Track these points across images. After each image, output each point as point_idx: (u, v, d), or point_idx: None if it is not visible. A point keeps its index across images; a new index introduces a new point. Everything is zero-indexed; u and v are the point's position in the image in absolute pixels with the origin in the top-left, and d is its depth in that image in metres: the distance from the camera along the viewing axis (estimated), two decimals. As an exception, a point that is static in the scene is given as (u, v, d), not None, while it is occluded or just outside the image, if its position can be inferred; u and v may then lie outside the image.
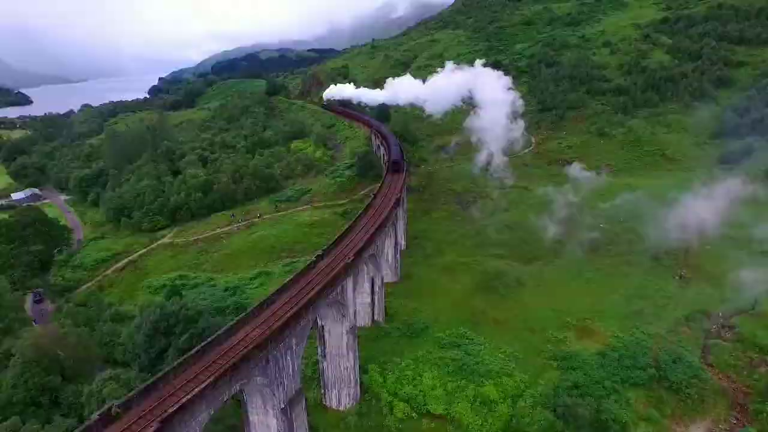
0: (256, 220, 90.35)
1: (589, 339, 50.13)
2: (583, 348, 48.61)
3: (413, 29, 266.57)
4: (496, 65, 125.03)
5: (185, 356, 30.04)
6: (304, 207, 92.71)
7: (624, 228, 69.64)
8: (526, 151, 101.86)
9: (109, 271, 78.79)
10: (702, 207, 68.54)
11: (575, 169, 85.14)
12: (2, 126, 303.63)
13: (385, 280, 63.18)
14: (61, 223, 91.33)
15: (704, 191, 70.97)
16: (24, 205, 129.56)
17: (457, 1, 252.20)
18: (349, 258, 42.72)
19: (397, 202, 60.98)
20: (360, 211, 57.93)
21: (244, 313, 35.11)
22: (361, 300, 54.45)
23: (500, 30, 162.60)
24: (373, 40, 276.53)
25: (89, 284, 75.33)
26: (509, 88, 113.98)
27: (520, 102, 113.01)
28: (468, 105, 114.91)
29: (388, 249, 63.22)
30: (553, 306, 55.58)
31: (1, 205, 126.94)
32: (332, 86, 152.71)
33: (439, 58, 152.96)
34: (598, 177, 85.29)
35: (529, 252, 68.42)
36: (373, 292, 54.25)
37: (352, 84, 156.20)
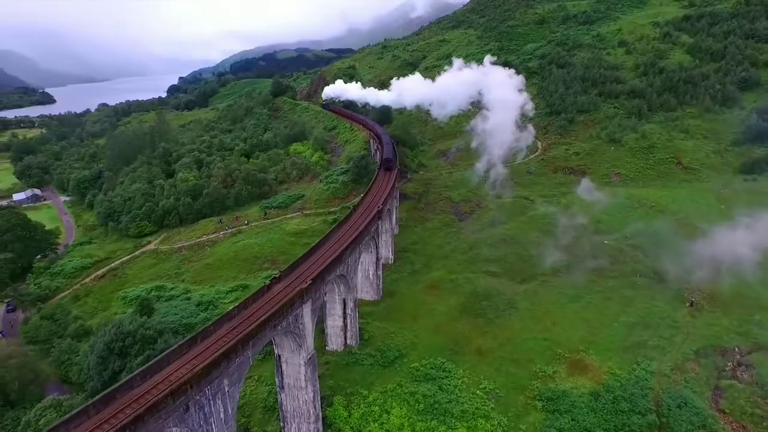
0: (244, 227, 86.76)
1: (581, 375, 44.61)
2: (574, 386, 43.13)
3: (426, 29, 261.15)
4: (505, 66, 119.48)
5: (86, 404, 26.08)
6: (295, 214, 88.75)
7: (630, 245, 63.56)
8: (531, 157, 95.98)
9: (88, 280, 76.07)
10: (718, 224, 62.46)
11: (582, 181, 79.28)
12: (22, 125, 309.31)
13: (365, 298, 59.06)
14: (46, 228, 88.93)
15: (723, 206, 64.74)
16: (22, 206, 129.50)
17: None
18: (305, 282, 38.27)
19: (378, 215, 56.31)
20: (333, 226, 53.25)
21: (169, 349, 31.03)
22: (332, 323, 50.32)
23: (511, 29, 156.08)
24: (385, 40, 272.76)
25: (65, 293, 72.65)
26: (520, 90, 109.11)
27: (531, 105, 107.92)
28: (475, 108, 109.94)
29: (368, 265, 58.74)
30: (545, 334, 50.16)
31: (1, 205, 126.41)
32: (331, 85, 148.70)
33: (447, 59, 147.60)
34: (605, 187, 79.25)
35: (525, 270, 62.91)
36: (345, 315, 49.73)
37: (358, 83, 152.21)
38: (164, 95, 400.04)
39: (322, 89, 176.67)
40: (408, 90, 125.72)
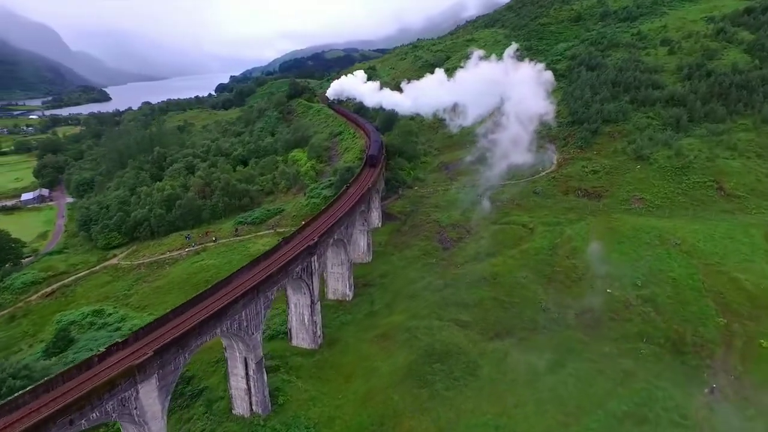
0: (210, 244, 79.37)
1: (534, 491, 32.81)
2: None
3: (461, 28, 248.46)
4: (532, 60, 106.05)
5: None
6: (267, 231, 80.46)
7: (640, 297, 50.01)
8: (543, 174, 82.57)
9: (34, 297, 71.00)
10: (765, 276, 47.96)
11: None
12: (69, 122, 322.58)
13: (301, 345, 49.51)
14: (12, 235, 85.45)
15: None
16: (27, 206, 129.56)
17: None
18: (142, 357, 28.99)
19: (309, 250, 46.32)
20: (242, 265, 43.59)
21: None
22: (235, 383, 41.00)
23: (542, 27, 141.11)
24: (418, 40, 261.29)
25: (5, 312, 67.68)
26: (548, 91, 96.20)
27: (551, 113, 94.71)
28: (491, 114, 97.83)
29: (302, 308, 48.94)
30: (501, 420, 38.38)
31: (5, 205, 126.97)
32: (336, 81, 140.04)
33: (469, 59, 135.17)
34: (622, 215, 65.19)
35: (502, 321, 50.87)
36: (247, 376, 40.21)
37: (367, 81, 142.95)
38: (213, 93, 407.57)
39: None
40: (418, 94, 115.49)
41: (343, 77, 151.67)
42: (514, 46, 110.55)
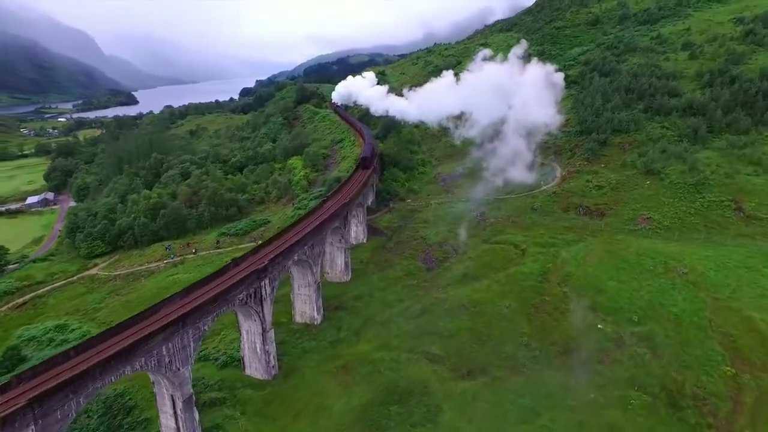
0: (190, 256, 76.27)
1: None
2: None
3: (480, 32, 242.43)
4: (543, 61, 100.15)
5: None
6: (249, 244, 76.69)
7: (636, 335, 43.80)
8: (544, 187, 76.43)
9: (5, 308, 69.01)
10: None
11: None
12: (92, 125, 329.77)
13: (254, 375, 45.31)
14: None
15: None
16: (31, 209, 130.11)
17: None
18: (17, 404, 25.07)
19: (258, 274, 42.04)
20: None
21: None
22: (165, 421, 36.89)
23: (557, 31, 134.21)
24: (435, 44, 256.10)
25: (-29, 324, 65.86)
26: (557, 96, 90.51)
27: (558, 122, 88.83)
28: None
29: (254, 336, 44.69)
30: (456, 481, 33.17)
31: (9, 209, 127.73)
32: (342, 83, 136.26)
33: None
34: (626, 237, 58.78)
35: (477, 357, 45.45)
36: (176, 415, 36.09)
37: (381, 87, 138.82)
38: (234, 98, 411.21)
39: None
40: (422, 100, 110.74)
41: (349, 78, 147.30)
42: (522, 44, 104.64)
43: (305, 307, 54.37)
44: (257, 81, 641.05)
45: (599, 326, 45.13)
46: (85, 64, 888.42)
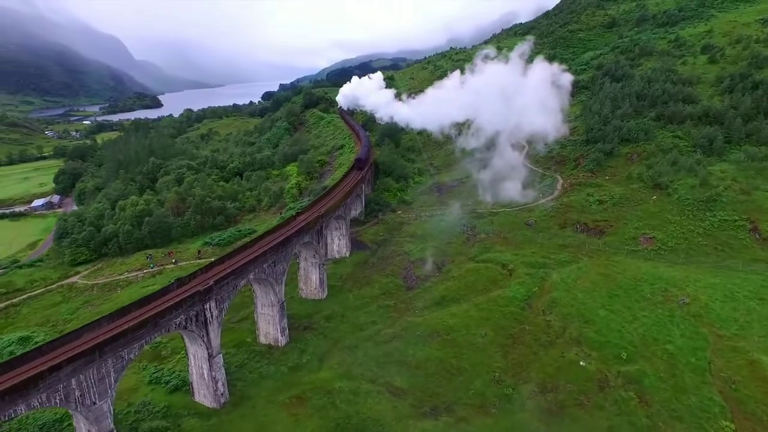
0: (170, 266, 73.76)
1: None
2: None
3: (496, 36, 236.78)
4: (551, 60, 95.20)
5: None
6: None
7: (623, 376, 38.53)
8: (543, 201, 71.15)
9: (-22, 316, 67.66)
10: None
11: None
12: (112, 127, 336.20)
13: (203, 403, 41.98)
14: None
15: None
16: (35, 212, 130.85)
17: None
18: None
19: (206, 293, 38.62)
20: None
21: None
22: (85, 460, 33.46)
23: (570, 34, 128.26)
24: (451, 48, 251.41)
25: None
26: (559, 106, 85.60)
27: (562, 129, 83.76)
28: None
29: (200, 361, 41.24)
30: None
31: (13, 211, 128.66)
32: (348, 85, 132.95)
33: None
34: (625, 258, 53.29)
35: (443, 392, 40.94)
36: (92, 454, 32.80)
37: (388, 91, 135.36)
38: (254, 101, 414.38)
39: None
40: (422, 107, 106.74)
41: (354, 80, 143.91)
42: (526, 43, 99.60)
43: (269, 327, 50.73)
44: (281, 85, 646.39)
45: (582, 363, 40.04)
46: (115, 69, 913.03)
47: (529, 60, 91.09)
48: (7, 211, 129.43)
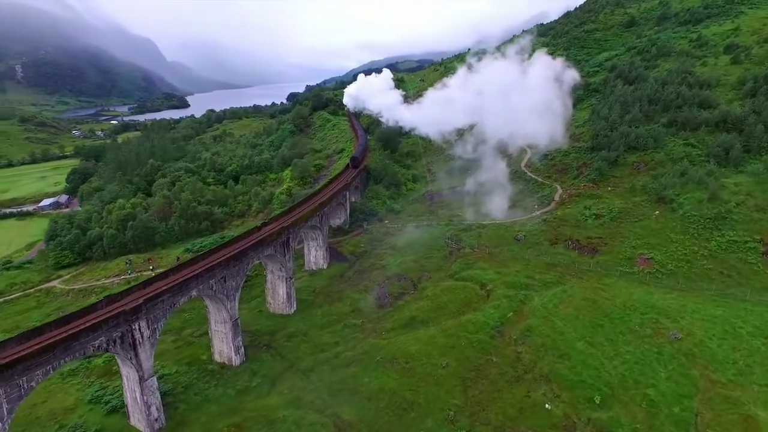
0: (147, 272, 71.69)
1: None
2: None
3: (515, 37, 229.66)
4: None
5: None
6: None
7: (592, 423, 33.43)
8: (537, 213, 65.82)
9: (-48, 320, 67.02)
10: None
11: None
12: (135, 128, 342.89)
13: (138, 427, 39.12)
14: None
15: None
16: (42, 212, 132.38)
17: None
18: None
19: (134, 313, 35.58)
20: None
21: None
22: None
23: (586, 34, 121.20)
24: (468, 50, 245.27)
25: None
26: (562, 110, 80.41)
27: (564, 134, 78.52)
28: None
29: (133, 384, 38.27)
30: None
31: (21, 210, 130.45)
32: (353, 85, 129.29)
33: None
34: (618, 281, 47.77)
35: (393, 429, 36.65)
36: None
37: (395, 92, 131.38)
38: (277, 102, 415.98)
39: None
40: (422, 111, 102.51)
41: (361, 78, 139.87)
42: (526, 38, 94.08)
43: (222, 345, 47.53)
44: (307, 86, 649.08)
45: (547, 406, 35.10)
46: (147, 69, 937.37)
47: (529, 56, 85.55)
48: (15, 210, 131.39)
